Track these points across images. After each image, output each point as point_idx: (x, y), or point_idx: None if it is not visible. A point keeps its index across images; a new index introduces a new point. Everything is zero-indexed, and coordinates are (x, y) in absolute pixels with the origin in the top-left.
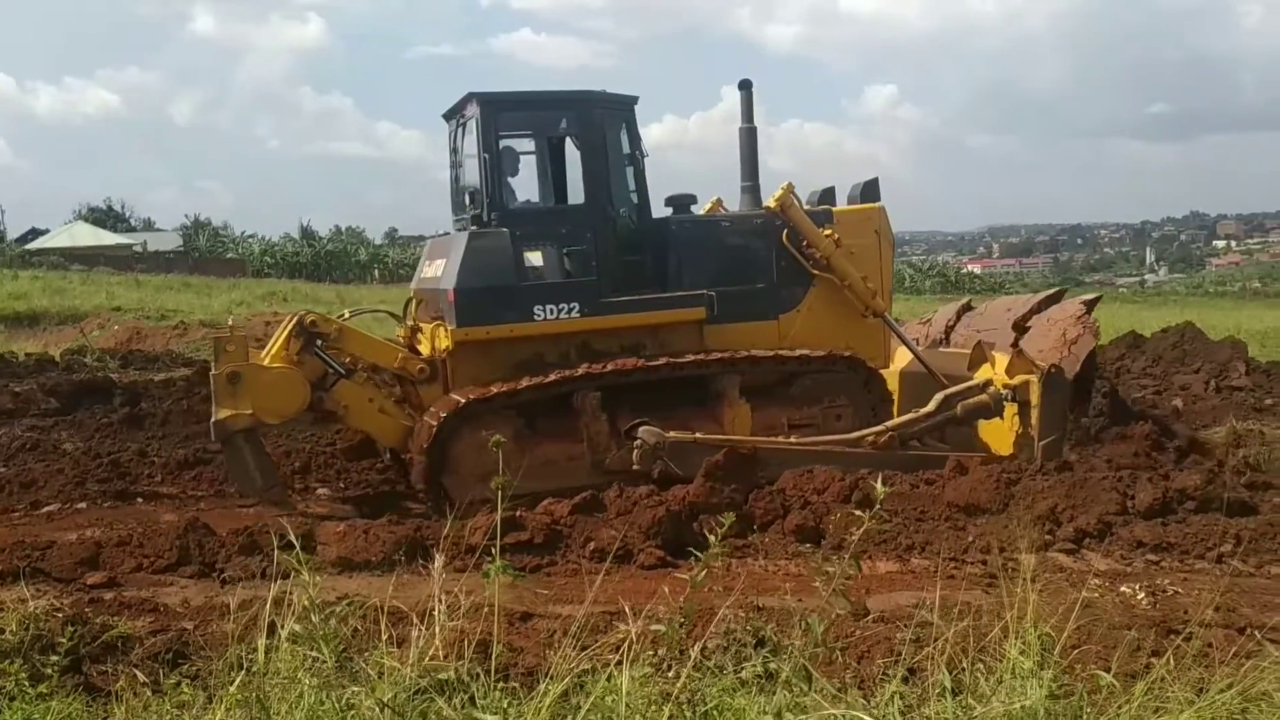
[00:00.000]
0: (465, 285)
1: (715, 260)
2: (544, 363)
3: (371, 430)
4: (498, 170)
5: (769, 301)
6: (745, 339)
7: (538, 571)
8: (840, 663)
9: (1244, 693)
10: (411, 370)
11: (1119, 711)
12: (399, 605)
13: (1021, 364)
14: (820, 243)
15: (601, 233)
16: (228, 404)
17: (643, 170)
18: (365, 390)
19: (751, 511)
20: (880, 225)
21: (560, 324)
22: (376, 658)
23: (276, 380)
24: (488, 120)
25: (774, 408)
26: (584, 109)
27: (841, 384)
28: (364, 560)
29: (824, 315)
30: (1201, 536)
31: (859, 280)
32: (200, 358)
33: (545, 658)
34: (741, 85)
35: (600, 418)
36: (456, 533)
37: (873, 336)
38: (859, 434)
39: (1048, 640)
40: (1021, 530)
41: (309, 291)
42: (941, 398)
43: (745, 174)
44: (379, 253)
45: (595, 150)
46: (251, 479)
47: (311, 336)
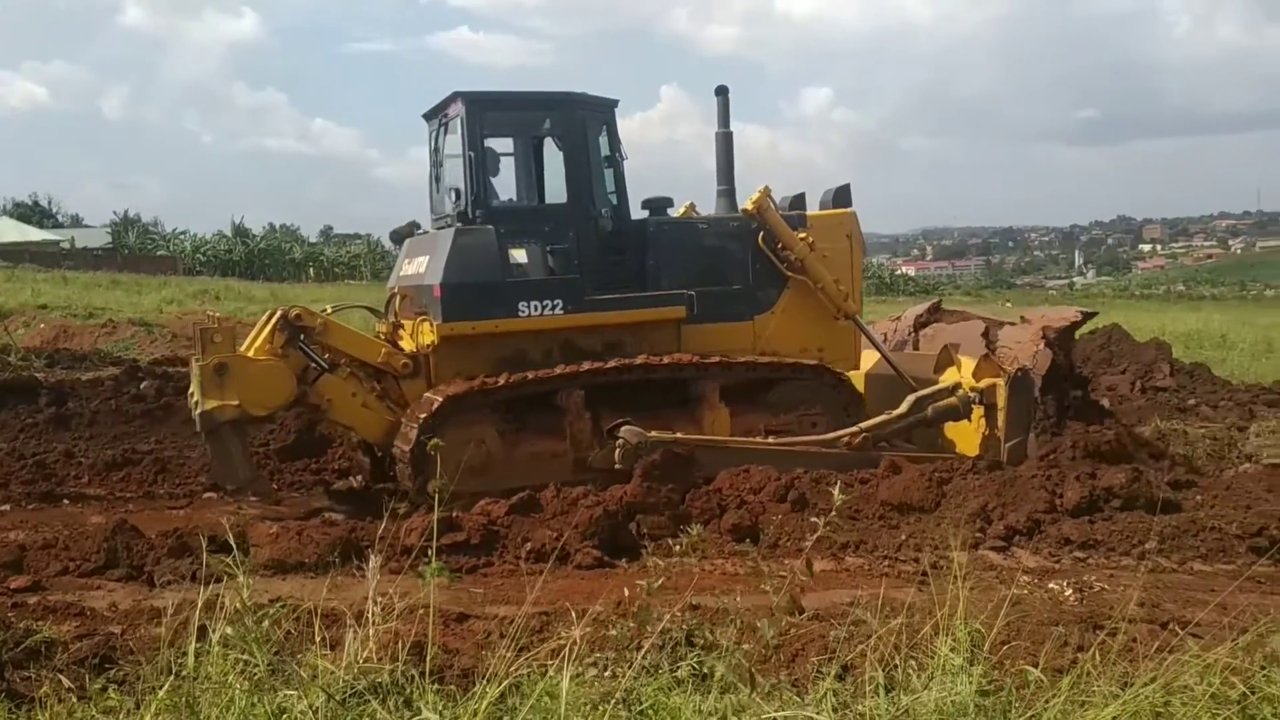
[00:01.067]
0: (451, 281)
1: (692, 261)
2: (526, 359)
3: (354, 425)
4: (482, 168)
5: (744, 303)
6: (721, 339)
7: (474, 572)
8: (775, 661)
9: (1166, 686)
10: (395, 365)
11: (1046, 706)
12: (333, 607)
13: (988, 367)
14: (795, 245)
15: (583, 232)
16: (214, 395)
17: (622, 172)
18: (348, 385)
19: (688, 511)
20: (852, 230)
21: (544, 320)
22: (310, 660)
23: (264, 372)
24: (473, 118)
25: (752, 414)
26: (567, 110)
27: (817, 392)
28: (298, 562)
29: (797, 317)
30: (1127, 534)
31: (831, 283)
32: (129, 357)
33: (482, 659)
34: (718, 91)
35: (584, 416)
36: (392, 534)
37: (844, 338)
38: (834, 435)
39: (978, 636)
40: (953, 528)
41: (242, 290)
42: (913, 400)
43: (721, 178)
44: (314, 251)
45: (577, 151)
46: (235, 470)
47: (296, 330)
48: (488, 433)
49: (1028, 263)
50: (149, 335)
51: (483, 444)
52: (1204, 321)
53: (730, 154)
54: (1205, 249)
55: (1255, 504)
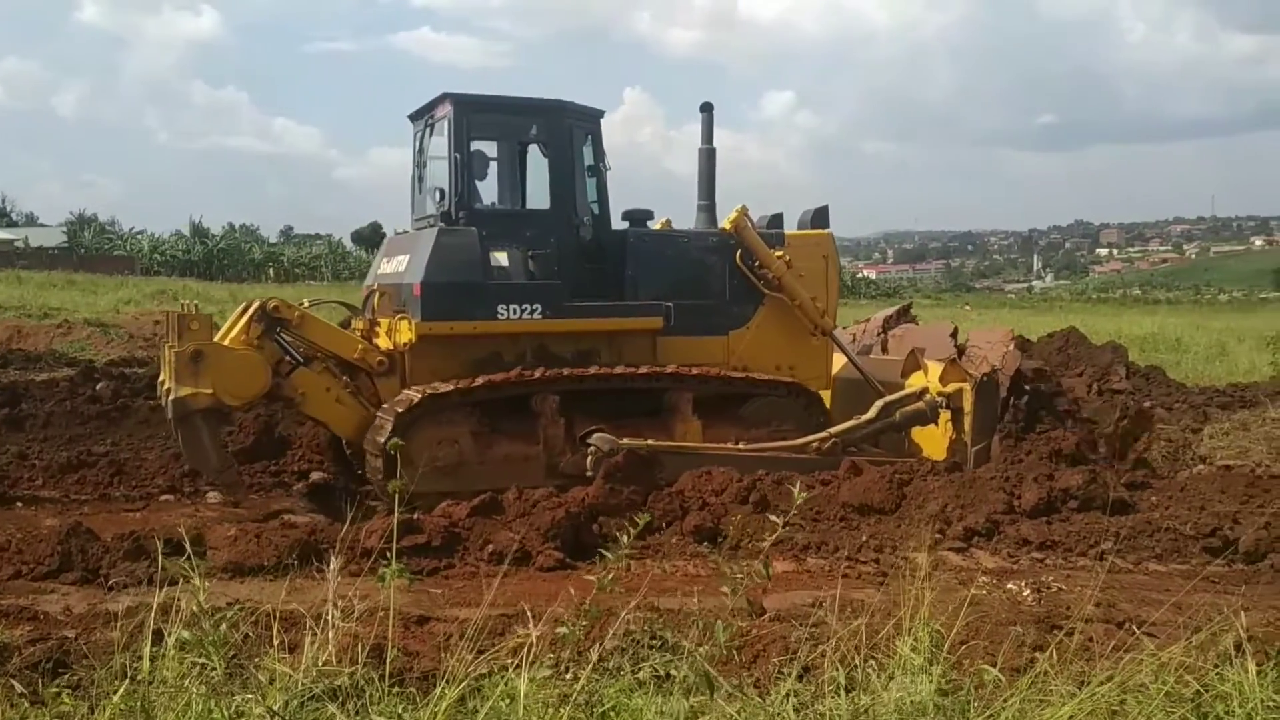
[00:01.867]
0: (432, 280)
1: (671, 274)
2: (501, 362)
3: (326, 419)
4: (468, 170)
5: (720, 317)
6: (696, 352)
7: (435, 574)
8: (737, 662)
9: (1122, 685)
10: (371, 362)
11: (1004, 705)
12: (292, 610)
13: (954, 372)
14: (772, 264)
15: (564, 239)
16: (188, 382)
17: (605, 182)
18: (322, 379)
19: (650, 513)
20: (828, 251)
21: (522, 324)
22: (268, 663)
23: (239, 362)
24: (460, 121)
25: (724, 426)
26: (555, 117)
27: (788, 409)
28: (256, 564)
29: (771, 334)
30: (1084, 534)
31: (809, 300)
32: (85, 358)
33: (442, 661)
34: (703, 108)
35: (558, 421)
36: (352, 536)
37: (815, 356)
38: (804, 440)
39: (937, 637)
40: (913, 529)
41: (200, 290)
42: (881, 405)
43: (702, 193)
44: (274, 251)
45: (563, 158)
46: (207, 460)
47: (273, 322)
48: (461, 433)
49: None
50: (105, 336)
51: (456, 444)
52: (1159, 325)
53: (713, 169)
54: (1161, 253)
55: (1209, 505)
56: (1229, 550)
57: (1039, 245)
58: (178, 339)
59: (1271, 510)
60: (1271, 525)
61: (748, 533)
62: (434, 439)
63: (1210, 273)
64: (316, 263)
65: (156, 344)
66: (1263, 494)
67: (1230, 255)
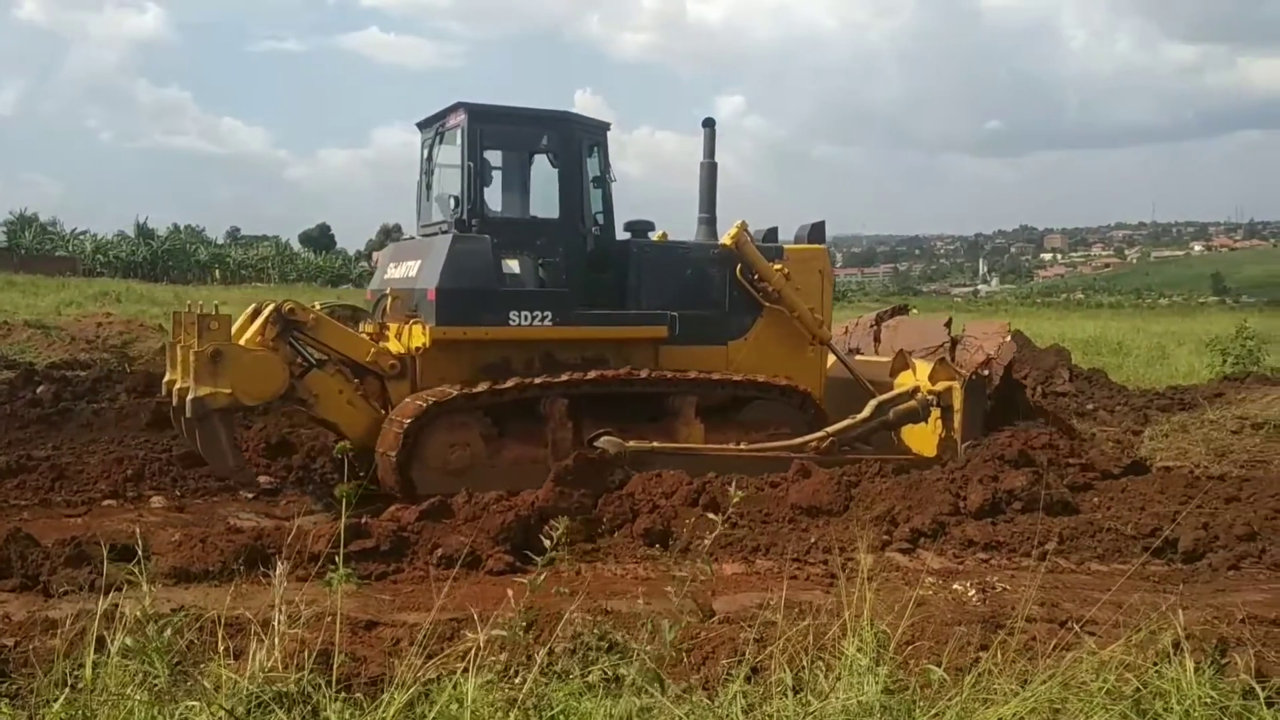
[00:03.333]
0: (447, 286)
1: (673, 285)
2: (509, 368)
3: (338, 421)
4: (480, 178)
5: (720, 328)
6: (696, 361)
7: (384, 579)
8: (686, 664)
9: (1064, 683)
10: (383, 365)
11: (949, 704)
12: (238, 615)
13: (944, 371)
14: (772, 277)
15: (572, 247)
16: (208, 382)
17: (610, 193)
18: (335, 382)
19: (600, 515)
20: (823, 266)
21: (533, 331)
22: (213, 670)
23: (258, 363)
24: (474, 130)
25: (725, 430)
26: (564, 128)
27: (786, 412)
28: (201, 570)
29: (768, 344)
30: (1027, 535)
31: (807, 311)
32: (25, 360)
33: (390, 666)
34: (705, 123)
35: (566, 425)
36: (299, 541)
37: (811, 367)
38: (803, 439)
39: (884, 637)
40: (860, 531)
41: (144, 291)
42: (875, 404)
43: (703, 206)
44: (220, 253)
45: (571, 169)
46: (224, 459)
47: (289, 324)
48: (472, 437)
49: (934, 270)
50: (46, 338)
51: (467, 448)
52: (1101, 328)
53: (714, 183)
54: (1103, 258)
55: (1149, 505)
56: (1169, 550)
57: (985, 250)
58: (197, 339)
59: (1209, 511)
60: (1210, 525)
61: (697, 535)
62: (446, 443)
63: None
64: (264, 264)
65: (100, 346)
66: (1201, 495)
67: (1170, 260)
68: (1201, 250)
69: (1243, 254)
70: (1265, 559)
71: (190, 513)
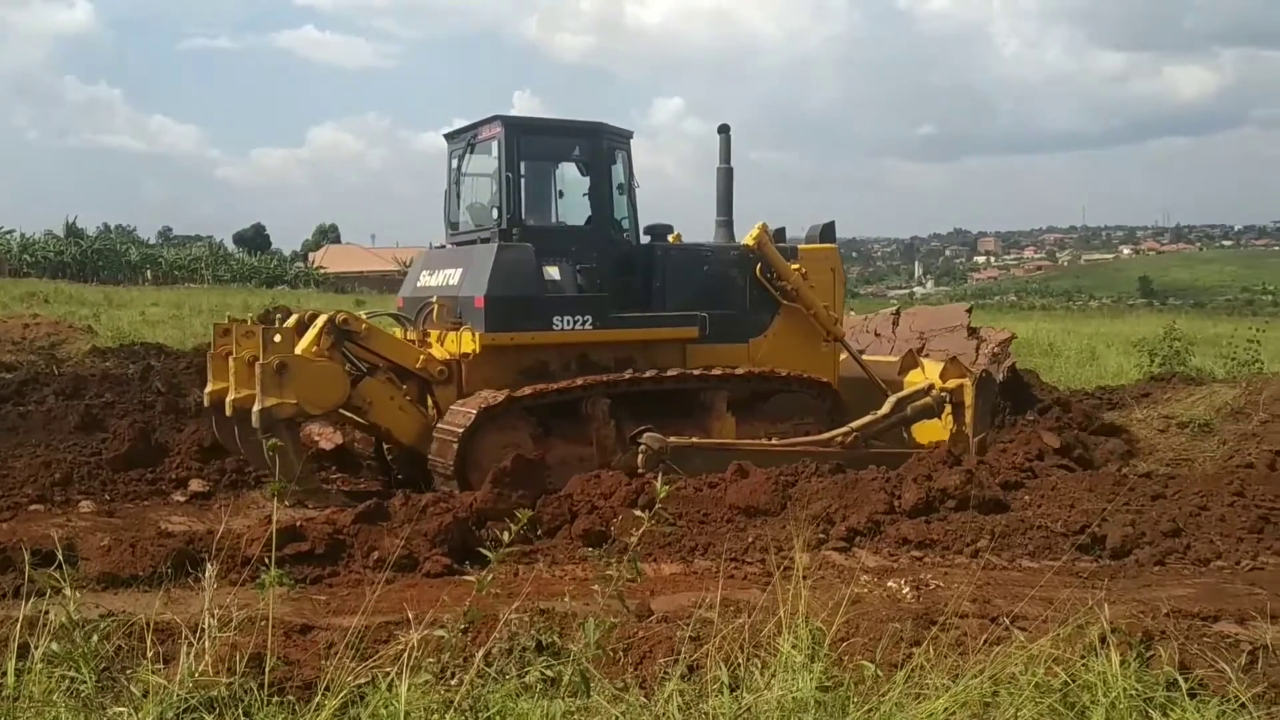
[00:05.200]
0: (495, 293)
1: (697, 286)
2: (547, 371)
3: (391, 426)
4: (519, 188)
5: (742, 326)
6: (721, 359)
7: (319, 582)
8: (623, 663)
9: (994, 677)
10: (432, 371)
11: (882, 700)
12: (168, 621)
13: (955, 369)
14: (790, 276)
15: (605, 253)
16: (274, 393)
17: (634, 199)
18: (387, 388)
19: (539, 516)
20: (835, 264)
21: (574, 334)
22: (141, 676)
23: (321, 373)
24: (511, 141)
25: (754, 422)
26: (595, 138)
27: (809, 404)
28: (131, 575)
29: (787, 341)
30: (960, 533)
31: (823, 309)
32: None
33: (324, 670)
34: (720, 130)
35: (609, 423)
36: (232, 544)
37: (826, 361)
38: (829, 435)
39: (819, 634)
40: (797, 530)
41: (73, 293)
42: (894, 400)
43: (720, 209)
44: (152, 253)
45: (602, 177)
46: (291, 468)
47: (343, 334)
48: (523, 438)
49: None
50: None
51: (518, 448)
52: (1033, 330)
53: (730, 187)
54: (1035, 261)
55: (1078, 504)
56: (1097, 547)
57: (920, 253)
58: (261, 351)
59: (1137, 508)
60: (1137, 522)
61: (628, 534)
62: (499, 444)
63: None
64: (196, 265)
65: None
66: (1128, 492)
67: (1100, 263)
68: (1130, 254)
69: (1169, 257)
70: (1189, 555)
71: (120, 517)
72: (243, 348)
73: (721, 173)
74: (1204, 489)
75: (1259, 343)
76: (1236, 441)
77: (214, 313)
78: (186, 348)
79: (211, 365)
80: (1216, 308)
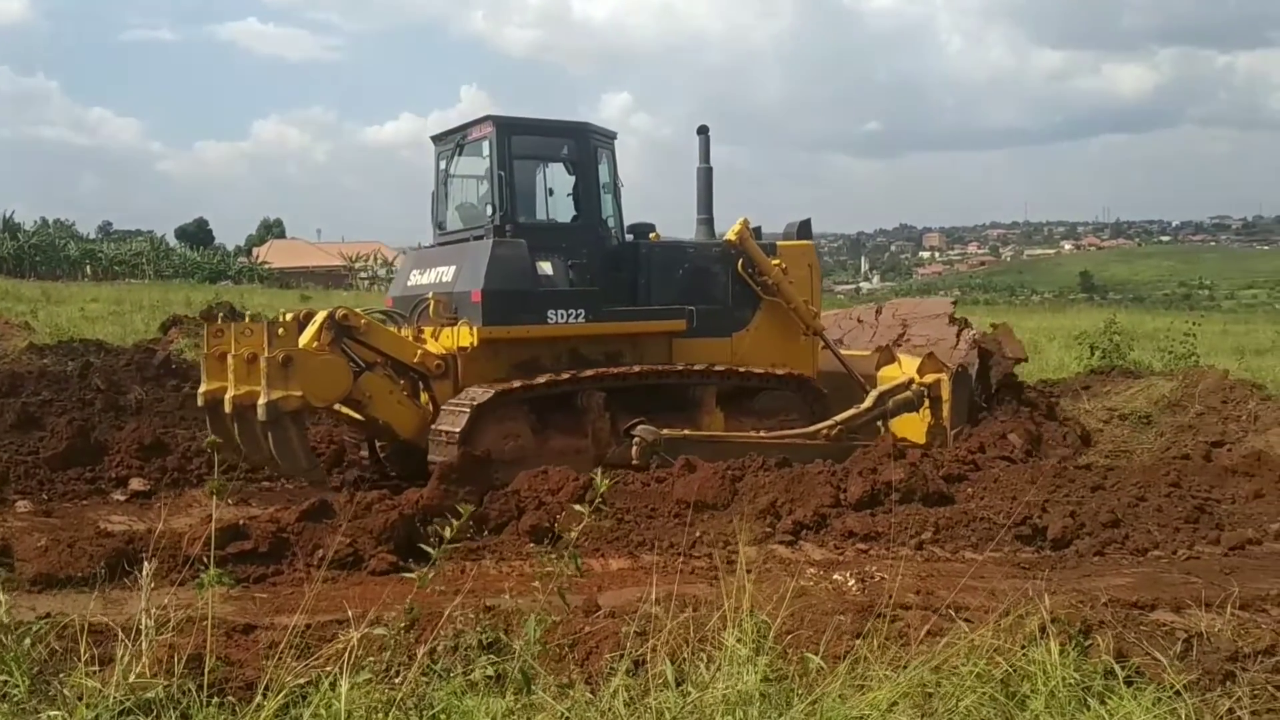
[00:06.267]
0: (492, 288)
1: (681, 281)
2: (540, 364)
3: (390, 419)
4: (511, 187)
5: (724, 321)
6: (705, 353)
7: (263, 581)
8: (570, 659)
9: (936, 667)
10: (429, 366)
11: (826, 691)
12: (106, 623)
13: (932, 364)
14: (771, 271)
15: (594, 249)
16: (279, 386)
17: (619, 197)
18: (386, 383)
19: (486, 513)
20: (812, 260)
21: (567, 328)
22: (75, 679)
23: (326, 366)
24: (503, 140)
25: (741, 417)
26: (583, 138)
27: (792, 399)
28: (68, 576)
29: (767, 334)
30: (905, 525)
31: (803, 304)
32: None
33: (266, 670)
34: (700, 131)
35: (604, 416)
36: (173, 543)
37: (805, 353)
38: (815, 428)
39: (764, 627)
40: (744, 524)
41: (10, 288)
42: (876, 395)
43: (701, 208)
44: (91, 248)
45: (589, 175)
46: (296, 460)
47: (343, 330)
48: (523, 429)
49: None
50: None
51: (519, 439)
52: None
53: (710, 186)
54: (979, 256)
55: (1020, 495)
56: (1038, 537)
57: (866, 248)
58: (266, 345)
59: (1077, 499)
60: (1077, 513)
61: (583, 531)
62: (500, 435)
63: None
64: (138, 260)
65: None
66: (1068, 484)
67: (1042, 258)
68: (1071, 249)
69: (1109, 253)
70: (1128, 544)
71: (58, 517)
72: (241, 345)
73: (701, 172)
74: (1142, 480)
75: (1195, 336)
76: (1173, 433)
77: (155, 309)
78: (127, 344)
79: (205, 365)
80: (1155, 302)
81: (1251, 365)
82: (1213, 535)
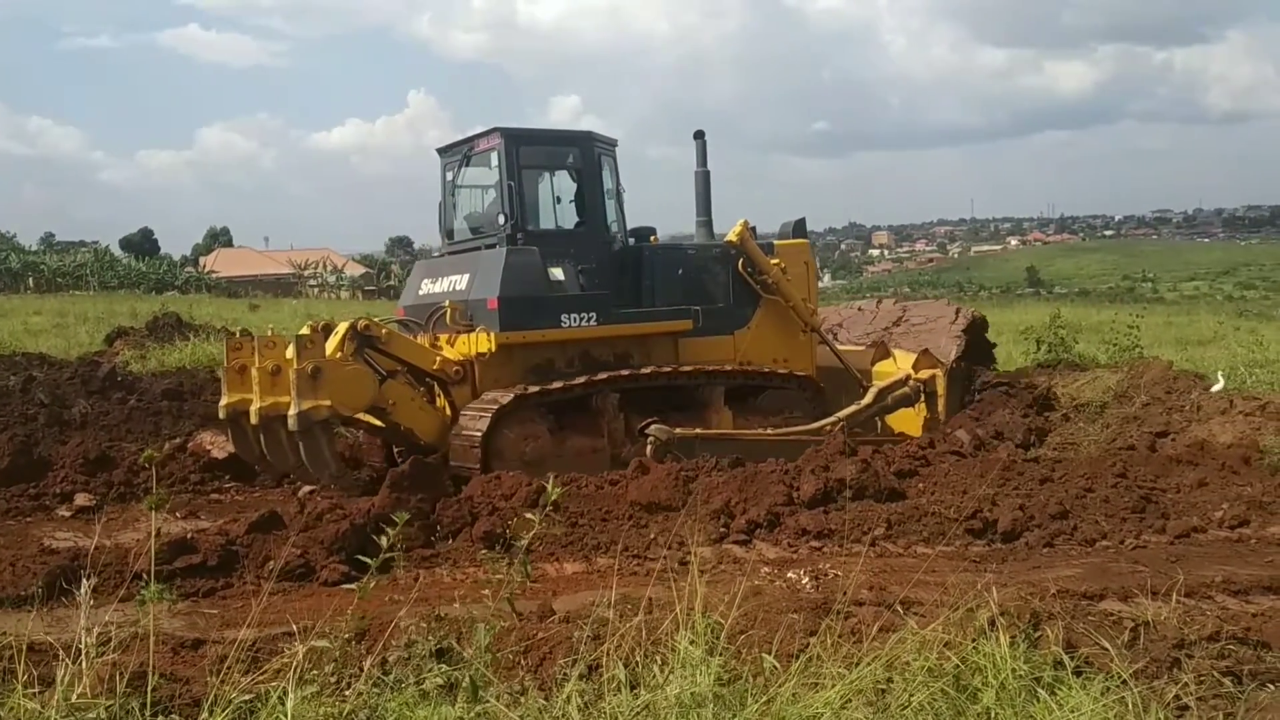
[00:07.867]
0: (508, 294)
1: (684, 283)
2: (553, 368)
3: (414, 425)
4: (521, 196)
5: (727, 319)
6: (709, 351)
7: (212, 595)
8: (523, 665)
9: (888, 663)
10: (448, 372)
11: (779, 690)
12: (45, 641)
13: (927, 360)
14: (770, 270)
15: (601, 254)
16: (309, 396)
17: (622, 203)
18: (408, 390)
19: (438, 520)
20: (808, 258)
21: (580, 331)
22: (12, 701)
23: (352, 376)
24: (511, 151)
25: (748, 415)
26: (587, 146)
27: (795, 397)
28: (11, 594)
29: (767, 332)
30: (858, 522)
31: (801, 301)
32: None
33: (213, 686)
34: (696, 135)
35: (619, 416)
36: (119, 558)
37: (804, 350)
38: (819, 424)
39: (717, 628)
40: (698, 525)
41: None
42: (876, 391)
43: (700, 210)
44: (33, 260)
45: (594, 182)
46: (326, 466)
47: (365, 340)
48: (541, 430)
49: None
50: None
51: (538, 440)
52: None
53: (708, 189)
54: (927, 253)
55: (970, 490)
56: (989, 531)
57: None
58: (296, 357)
59: (1025, 492)
60: (1026, 506)
61: (537, 536)
62: (520, 436)
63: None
64: (81, 271)
65: None
66: (1017, 477)
67: (989, 255)
68: (1017, 245)
69: (1054, 248)
70: (1076, 535)
71: (1, 535)
72: (264, 358)
73: (699, 175)
74: (1089, 471)
75: (1138, 328)
76: (1119, 425)
77: (100, 321)
78: (71, 357)
79: (226, 378)
80: (1099, 296)
81: (1194, 356)
82: (1159, 524)
